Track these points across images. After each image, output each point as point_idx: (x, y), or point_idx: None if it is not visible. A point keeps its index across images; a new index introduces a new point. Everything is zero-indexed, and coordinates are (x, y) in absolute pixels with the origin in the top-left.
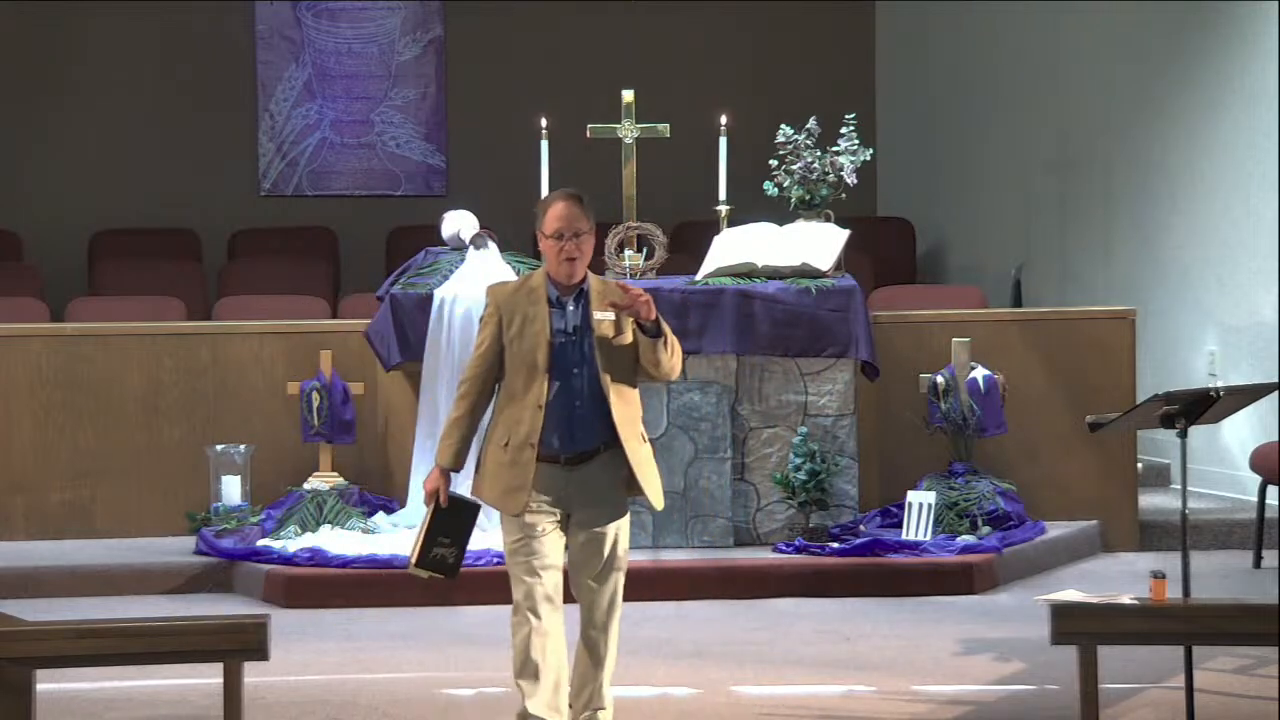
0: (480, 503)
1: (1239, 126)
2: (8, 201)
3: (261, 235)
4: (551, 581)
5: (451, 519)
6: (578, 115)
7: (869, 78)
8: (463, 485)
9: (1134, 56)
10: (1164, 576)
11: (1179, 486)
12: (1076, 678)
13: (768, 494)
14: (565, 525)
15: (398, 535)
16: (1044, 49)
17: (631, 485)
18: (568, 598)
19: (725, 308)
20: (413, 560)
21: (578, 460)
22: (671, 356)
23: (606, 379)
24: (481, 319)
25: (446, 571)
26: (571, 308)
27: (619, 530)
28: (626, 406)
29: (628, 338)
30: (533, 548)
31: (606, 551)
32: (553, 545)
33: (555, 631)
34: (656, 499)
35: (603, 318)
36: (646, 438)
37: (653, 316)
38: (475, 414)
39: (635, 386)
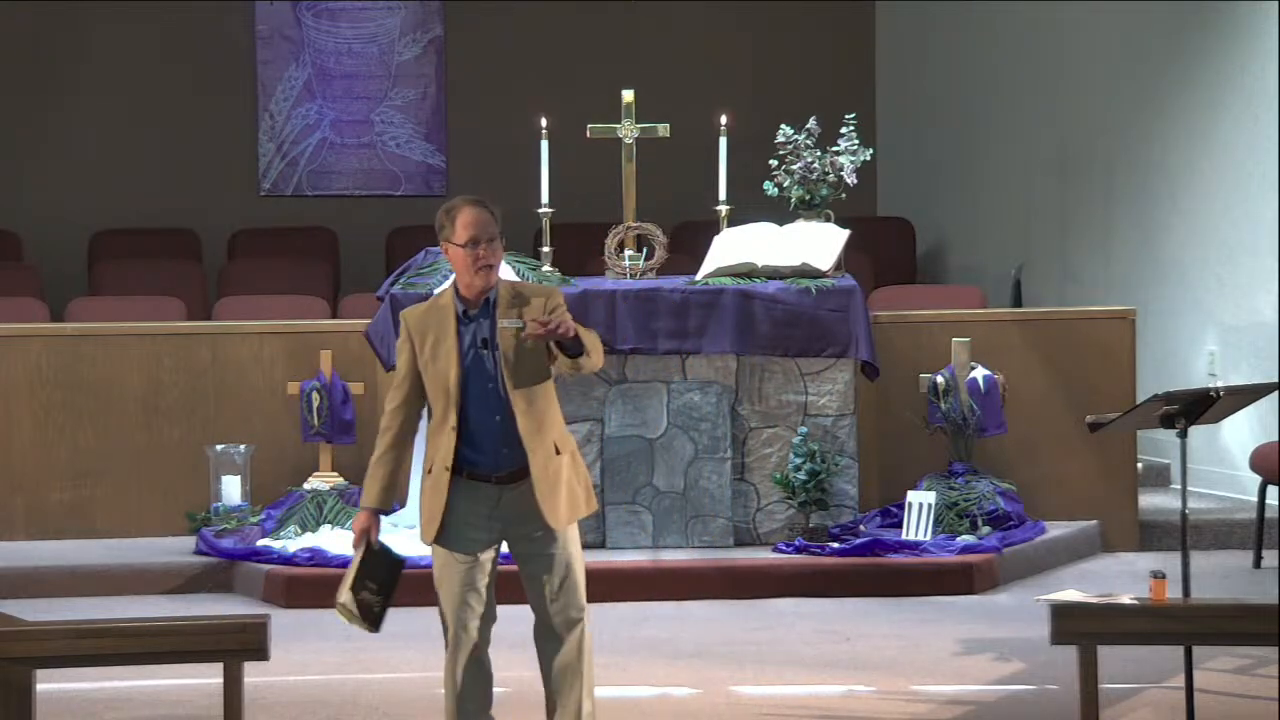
0: (405, 559)
1: (1239, 126)
2: (8, 201)
3: (261, 235)
4: (476, 615)
5: (379, 566)
6: (578, 115)
7: (869, 78)
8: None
9: (1134, 56)
10: (1164, 576)
11: (1179, 486)
12: (1076, 678)
13: (768, 494)
14: (498, 548)
15: (398, 535)
16: (1044, 49)
17: (574, 497)
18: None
19: (725, 308)
20: (340, 597)
21: (509, 478)
22: (590, 358)
23: (511, 391)
24: (395, 348)
25: (370, 620)
26: (482, 320)
27: (564, 539)
28: (529, 416)
29: (537, 339)
30: (455, 581)
31: (555, 564)
32: (479, 576)
33: (483, 666)
34: (553, 518)
35: (507, 325)
36: (565, 448)
37: (571, 334)
38: (399, 448)
39: (549, 392)
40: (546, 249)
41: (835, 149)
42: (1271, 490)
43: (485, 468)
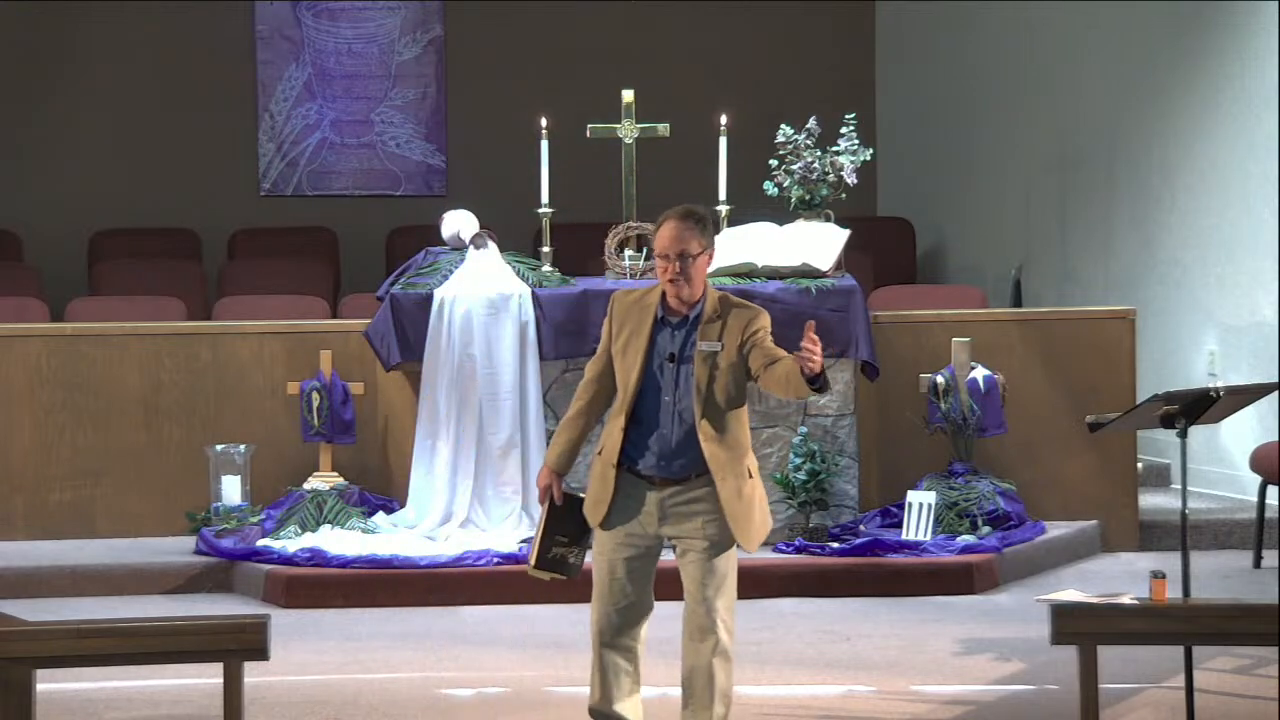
0: (582, 499)
1: (1239, 126)
2: (8, 201)
3: (261, 235)
4: (627, 599)
5: (567, 516)
6: (578, 115)
7: (869, 78)
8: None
9: (1134, 56)
10: (1164, 576)
11: (1179, 486)
12: (1076, 678)
13: (768, 494)
14: (660, 543)
15: (397, 535)
16: (1044, 49)
17: (764, 520)
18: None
19: None
20: (531, 562)
21: (667, 483)
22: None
23: (698, 415)
24: (604, 323)
25: (566, 570)
26: (678, 331)
27: (727, 553)
28: (721, 443)
29: (730, 358)
30: (611, 568)
31: (712, 571)
32: (634, 566)
33: (628, 662)
34: (745, 540)
35: (708, 349)
36: (752, 472)
37: (818, 370)
38: (588, 415)
39: (742, 417)
40: (546, 249)
41: (835, 149)
42: (1271, 490)
43: (647, 469)
